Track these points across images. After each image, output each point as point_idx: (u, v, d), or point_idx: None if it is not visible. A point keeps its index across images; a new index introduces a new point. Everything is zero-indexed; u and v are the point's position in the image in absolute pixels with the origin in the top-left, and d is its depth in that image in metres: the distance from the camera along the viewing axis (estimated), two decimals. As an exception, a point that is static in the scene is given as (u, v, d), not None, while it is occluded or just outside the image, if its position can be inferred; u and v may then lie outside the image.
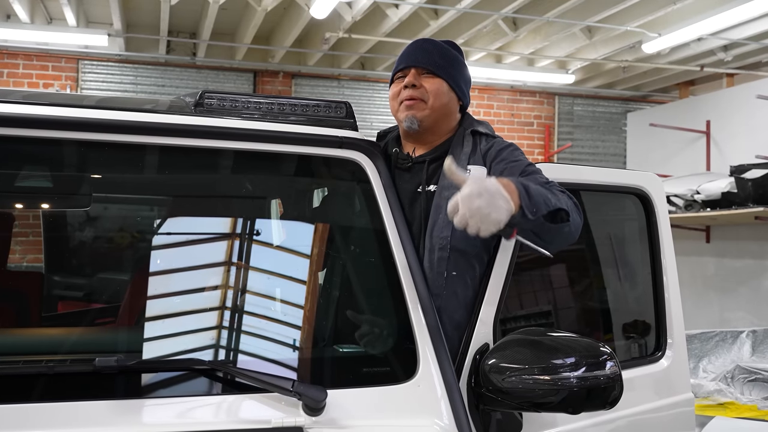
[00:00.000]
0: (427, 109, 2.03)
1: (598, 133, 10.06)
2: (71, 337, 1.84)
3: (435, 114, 2.04)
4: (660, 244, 2.42)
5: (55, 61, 8.11)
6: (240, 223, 1.97)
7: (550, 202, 1.75)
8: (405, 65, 2.08)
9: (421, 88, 2.04)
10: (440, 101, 2.04)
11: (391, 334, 1.81)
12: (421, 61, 2.06)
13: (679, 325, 2.40)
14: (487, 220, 1.59)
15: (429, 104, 2.03)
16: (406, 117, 2.03)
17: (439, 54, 2.08)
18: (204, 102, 1.86)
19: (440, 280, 1.88)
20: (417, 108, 2.03)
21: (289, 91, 8.81)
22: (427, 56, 2.07)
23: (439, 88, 2.05)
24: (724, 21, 6.44)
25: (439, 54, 2.08)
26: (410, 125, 2.03)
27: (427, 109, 2.03)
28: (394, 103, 2.09)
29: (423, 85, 2.04)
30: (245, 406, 1.56)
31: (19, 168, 1.86)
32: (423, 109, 2.03)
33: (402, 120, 2.05)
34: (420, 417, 1.63)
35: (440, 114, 2.05)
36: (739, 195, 6.51)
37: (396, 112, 2.09)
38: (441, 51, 2.09)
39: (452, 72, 2.08)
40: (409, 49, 2.12)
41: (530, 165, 1.95)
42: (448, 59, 2.09)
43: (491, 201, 1.59)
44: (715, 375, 5.11)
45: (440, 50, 2.09)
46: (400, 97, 2.06)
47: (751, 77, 8.30)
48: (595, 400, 1.65)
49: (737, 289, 7.45)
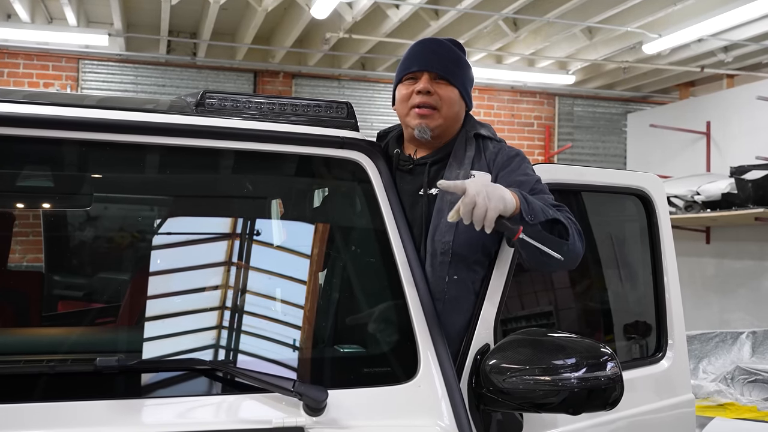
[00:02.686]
0: (440, 118, 2.00)
1: (598, 133, 10.06)
2: (71, 337, 1.84)
3: (446, 122, 2.02)
4: (660, 245, 2.42)
5: (55, 61, 8.11)
6: (241, 223, 1.97)
7: (548, 212, 1.76)
8: (417, 68, 2.02)
9: (435, 94, 2.00)
10: (452, 110, 2.02)
11: (392, 334, 1.81)
12: (435, 66, 2.01)
13: (679, 326, 2.40)
14: (494, 196, 1.63)
15: (442, 113, 2.00)
16: (418, 125, 2.00)
17: (451, 59, 2.04)
18: (205, 102, 1.85)
19: (441, 285, 1.88)
20: (430, 118, 1.99)
21: (289, 92, 8.81)
22: (440, 61, 2.02)
23: (452, 96, 2.01)
24: (724, 22, 6.44)
25: (452, 59, 2.04)
26: (422, 134, 2.00)
27: (440, 118, 2.00)
28: (403, 106, 2.04)
29: (437, 91, 2.00)
30: (246, 406, 1.56)
31: (20, 168, 1.86)
32: (436, 119, 2.00)
33: (413, 127, 2.01)
34: (421, 417, 1.63)
35: (451, 122, 2.04)
36: (739, 196, 6.51)
37: (405, 116, 2.04)
38: (453, 55, 2.05)
39: (463, 78, 2.05)
40: (420, 50, 2.07)
41: (539, 182, 1.94)
42: (458, 63, 2.05)
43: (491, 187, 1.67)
44: (715, 376, 5.11)
45: (452, 54, 2.05)
46: (411, 101, 2.01)
47: (751, 78, 8.30)
48: (596, 401, 1.65)
49: (737, 290, 7.45)
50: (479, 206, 1.62)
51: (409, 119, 2.03)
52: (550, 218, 1.76)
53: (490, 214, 1.62)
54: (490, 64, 8.55)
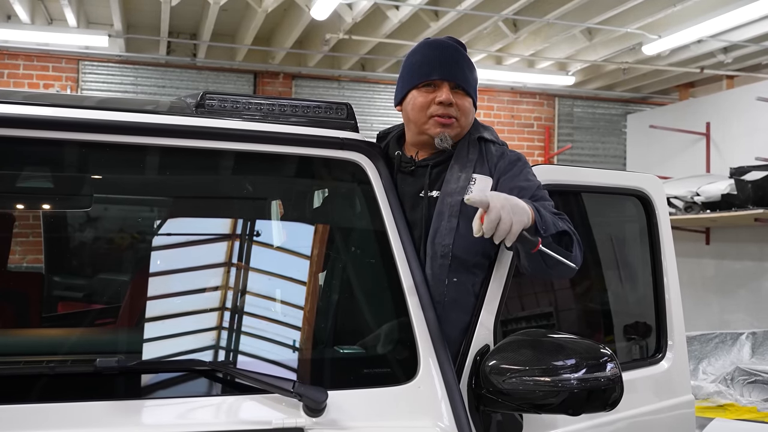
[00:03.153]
0: (459, 127, 2.02)
1: (598, 134, 10.07)
2: (71, 338, 1.84)
3: (463, 132, 2.04)
4: (660, 246, 2.42)
5: (55, 62, 8.11)
6: (241, 225, 1.97)
7: (558, 224, 1.80)
8: (439, 77, 2.00)
9: (454, 106, 2.00)
10: (469, 120, 2.05)
11: (392, 335, 1.81)
12: (457, 77, 2.01)
13: (679, 326, 2.40)
14: (517, 210, 1.66)
15: (461, 122, 2.01)
16: (440, 134, 1.99)
17: (468, 67, 2.04)
18: (205, 103, 1.86)
19: (441, 287, 1.88)
20: (450, 127, 2.00)
21: (289, 93, 8.81)
22: (460, 72, 2.02)
23: (469, 107, 2.03)
24: (724, 23, 6.44)
25: (468, 67, 2.05)
26: (443, 143, 2.00)
27: (459, 127, 2.02)
28: (422, 114, 2.01)
29: (456, 103, 2.00)
30: (246, 407, 1.56)
31: (20, 169, 1.86)
32: (455, 128, 2.01)
33: (433, 135, 2.00)
34: (420, 418, 1.63)
35: (466, 130, 2.06)
36: (738, 197, 6.51)
37: (422, 124, 2.02)
38: (467, 62, 2.05)
39: (475, 85, 2.07)
40: (437, 56, 2.03)
41: (540, 188, 1.96)
42: (472, 70, 2.06)
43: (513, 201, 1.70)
44: (715, 377, 5.11)
45: (466, 61, 2.05)
46: (431, 110, 2.00)
47: (750, 79, 8.31)
48: (596, 402, 1.65)
49: (737, 291, 7.45)
50: (504, 221, 1.63)
51: (429, 128, 2.01)
52: (560, 230, 1.80)
53: (514, 228, 1.65)
54: (489, 65, 8.56)
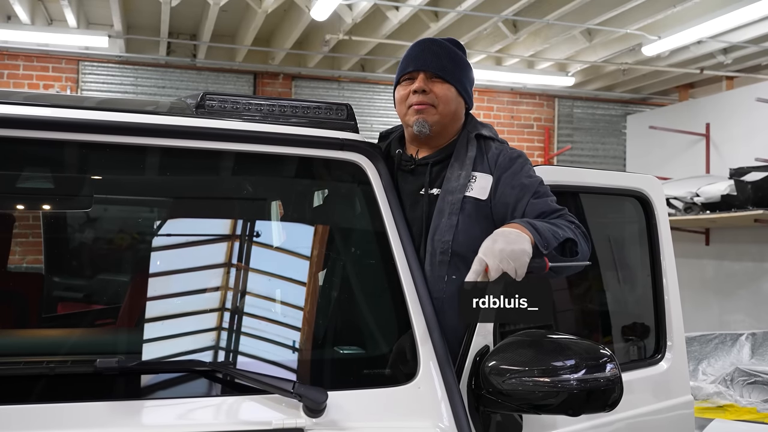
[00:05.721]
0: (437, 114, 2.01)
1: (597, 135, 10.07)
2: (71, 339, 1.84)
3: (444, 119, 2.03)
4: (660, 247, 2.42)
5: (55, 63, 8.11)
6: (241, 225, 1.97)
7: (558, 234, 1.80)
8: (414, 68, 2.04)
9: (431, 93, 2.01)
10: (449, 107, 2.03)
11: (392, 336, 1.81)
12: (430, 65, 2.02)
13: (678, 327, 2.40)
14: (515, 256, 1.65)
15: (439, 110, 2.01)
16: (416, 121, 2.01)
17: (447, 57, 2.05)
18: (205, 104, 1.86)
19: (441, 284, 1.88)
20: (427, 113, 2.01)
21: (289, 93, 8.81)
22: (436, 60, 2.03)
23: (448, 93, 2.02)
24: (723, 24, 6.45)
25: (448, 57, 2.05)
26: (421, 129, 2.01)
27: (437, 114, 2.01)
28: (402, 106, 2.06)
29: (433, 90, 2.01)
30: (246, 408, 1.56)
31: (20, 169, 1.86)
32: (433, 114, 2.01)
33: (411, 124, 2.02)
34: (420, 419, 1.63)
35: (449, 119, 2.04)
36: (738, 198, 6.52)
37: (404, 116, 2.06)
38: (449, 54, 2.06)
39: (460, 76, 2.06)
40: (417, 50, 2.07)
41: (541, 185, 1.96)
42: (456, 62, 2.06)
43: (507, 238, 1.68)
44: (715, 377, 5.11)
45: (448, 53, 2.06)
46: (408, 101, 2.03)
47: (750, 80, 8.31)
48: (595, 403, 1.65)
49: (736, 292, 7.45)
50: (508, 270, 1.65)
51: (408, 117, 2.04)
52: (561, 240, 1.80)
53: (519, 272, 1.66)
54: (489, 66, 8.56)
